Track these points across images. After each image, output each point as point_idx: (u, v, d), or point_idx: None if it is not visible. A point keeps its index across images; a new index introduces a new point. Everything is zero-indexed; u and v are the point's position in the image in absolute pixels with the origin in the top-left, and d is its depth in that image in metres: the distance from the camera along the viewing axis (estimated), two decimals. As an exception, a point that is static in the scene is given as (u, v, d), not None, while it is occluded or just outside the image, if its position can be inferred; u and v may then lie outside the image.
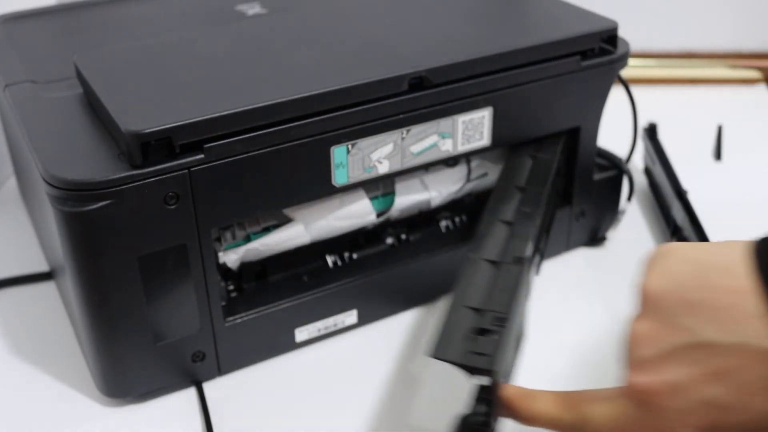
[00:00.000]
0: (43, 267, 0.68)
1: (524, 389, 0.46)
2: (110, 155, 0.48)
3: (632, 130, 0.71)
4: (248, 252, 0.56)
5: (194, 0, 0.71)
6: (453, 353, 0.46)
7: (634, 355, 0.40)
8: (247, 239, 0.56)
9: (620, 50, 0.61)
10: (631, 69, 0.92)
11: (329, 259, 0.61)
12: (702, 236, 0.63)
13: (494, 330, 0.47)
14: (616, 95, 0.65)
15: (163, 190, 0.48)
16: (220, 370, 0.57)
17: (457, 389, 0.56)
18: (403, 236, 0.63)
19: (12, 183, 0.80)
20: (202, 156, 0.48)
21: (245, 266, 0.58)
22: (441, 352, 0.46)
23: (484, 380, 0.45)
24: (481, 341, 0.46)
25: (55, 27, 0.68)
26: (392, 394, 0.56)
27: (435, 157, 0.57)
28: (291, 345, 0.59)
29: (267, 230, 0.57)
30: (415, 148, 0.56)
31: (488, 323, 0.47)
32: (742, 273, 0.38)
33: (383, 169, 0.55)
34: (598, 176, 0.67)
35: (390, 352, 0.60)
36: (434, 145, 0.57)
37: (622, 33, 0.61)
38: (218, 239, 0.56)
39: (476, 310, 0.49)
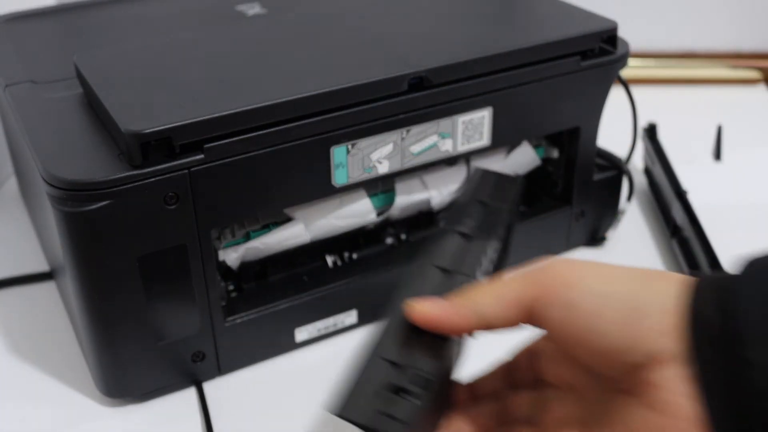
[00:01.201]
0: (43, 267, 0.68)
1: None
2: (110, 155, 0.48)
3: (632, 130, 0.71)
4: (248, 251, 0.56)
5: (194, 0, 0.71)
6: (361, 413, 0.37)
7: None
8: (247, 237, 0.56)
9: (620, 50, 0.61)
10: (631, 69, 0.92)
11: (329, 259, 0.61)
12: (702, 236, 0.63)
13: (413, 392, 0.38)
14: (616, 95, 0.65)
15: (163, 191, 0.48)
16: (220, 370, 0.57)
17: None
18: (403, 236, 0.63)
19: (12, 183, 0.80)
20: (202, 156, 0.48)
21: (245, 266, 0.58)
22: (348, 410, 0.38)
23: None
24: (397, 402, 0.38)
25: (55, 27, 0.68)
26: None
27: (435, 157, 0.57)
28: (291, 345, 0.59)
29: (267, 228, 0.57)
30: (415, 148, 0.56)
31: (407, 381, 0.38)
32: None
33: (383, 169, 0.55)
34: (598, 176, 0.66)
35: (390, 352, 0.60)
36: (434, 145, 0.57)
37: (622, 33, 0.61)
38: (218, 237, 0.56)
39: (394, 364, 0.39)
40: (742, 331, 0.33)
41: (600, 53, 0.60)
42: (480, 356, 0.45)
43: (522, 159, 0.64)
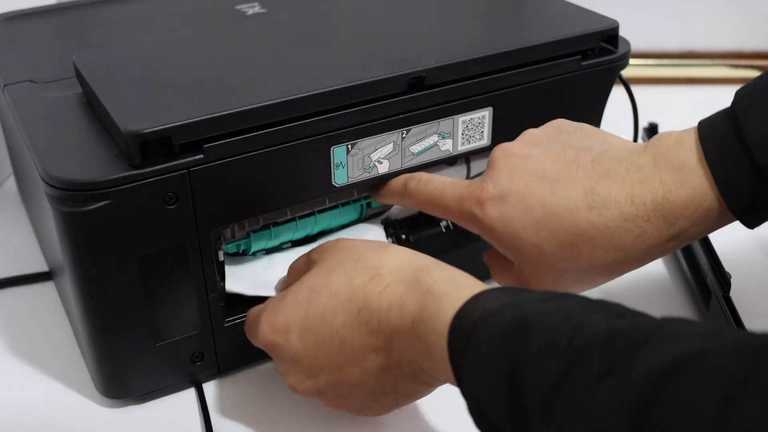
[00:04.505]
0: (42, 267, 0.68)
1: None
2: (109, 155, 0.48)
3: (633, 130, 0.71)
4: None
5: (194, 0, 0.71)
6: None
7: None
8: (248, 236, 0.56)
9: (621, 50, 0.61)
10: (632, 69, 0.91)
11: (329, 259, 0.61)
12: (703, 237, 0.62)
13: None
14: (617, 95, 0.65)
15: (162, 190, 0.48)
16: (220, 371, 0.57)
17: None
18: (403, 236, 0.63)
19: (11, 183, 0.80)
20: (201, 156, 0.48)
21: (245, 266, 0.58)
22: None
23: None
24: None
25: (55, 26, 0.68)
26: (392, 394, 0.56)
27: (435, 157, 0.57)
28: (291, 345, 0.59)
29: (267, 228, 0.57)
30: (415, 148, 0.56)
31: None
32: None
33: (383, 169, 0.55)
34: (598, 176, 0.66)
35: (390, 352, 0.59)
36: (434, 145, 0.56)
37: (622, 33, 0.61)
38: (218, 237, 0.55)
39: None
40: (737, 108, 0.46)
41: (601, 53, 0.60)
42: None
43: None
